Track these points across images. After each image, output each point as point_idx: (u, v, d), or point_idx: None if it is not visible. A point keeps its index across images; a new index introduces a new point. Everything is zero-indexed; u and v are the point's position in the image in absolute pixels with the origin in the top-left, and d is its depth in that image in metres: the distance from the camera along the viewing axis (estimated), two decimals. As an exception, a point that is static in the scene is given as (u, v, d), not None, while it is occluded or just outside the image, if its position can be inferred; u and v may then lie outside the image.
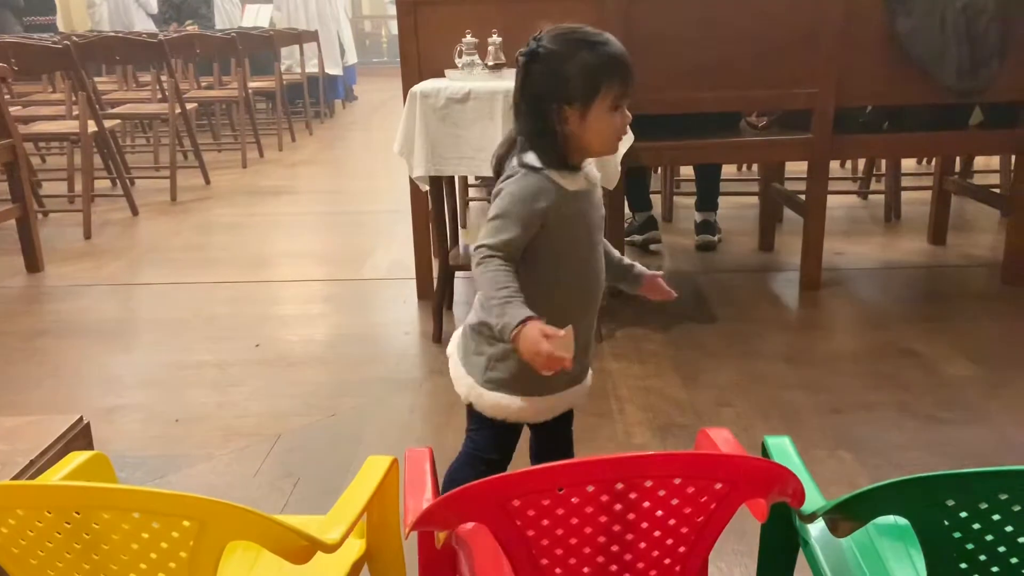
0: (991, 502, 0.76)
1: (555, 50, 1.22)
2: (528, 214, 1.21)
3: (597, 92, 1.20)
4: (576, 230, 1.26)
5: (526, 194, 1.21)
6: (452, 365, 1.37)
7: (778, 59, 2.73)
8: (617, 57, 1.23)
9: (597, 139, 1.23)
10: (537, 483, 0.81)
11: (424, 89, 2.39)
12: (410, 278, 3.05)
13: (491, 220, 1.23)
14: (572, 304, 1.29)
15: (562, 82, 1.20)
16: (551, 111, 1.21)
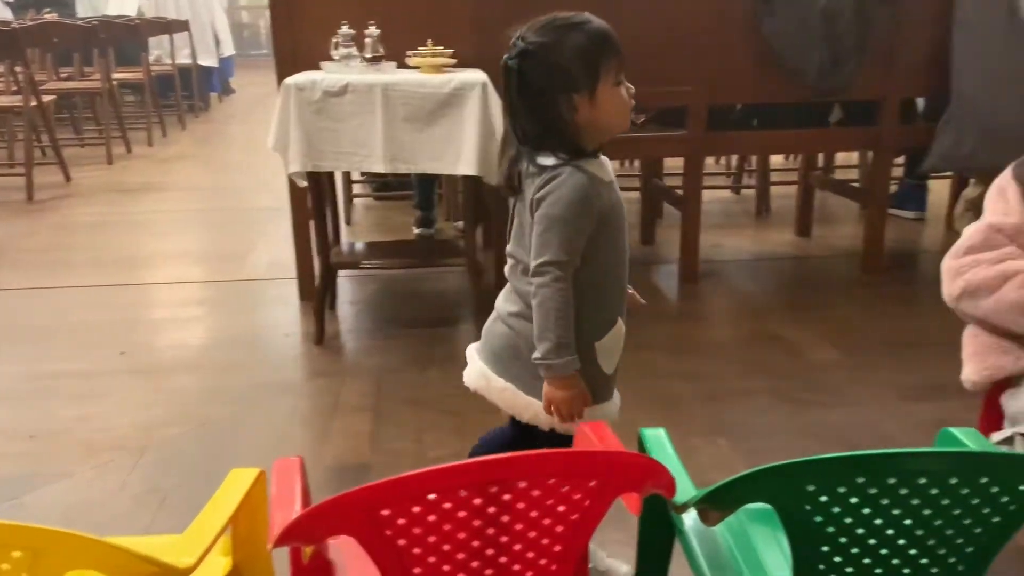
0: (849, 486, 0.79)
1: (545, 42, 1.20)
2: (584, 214, 1.20)
3: (599, 71, 1.19)
4: (618, 221, 1.26)
5: (579, 195, 1.19)
6: (509, 397, 1.32)
7: (654, 58, 2.78)
8: (605, 32, 1.22)
9: (612, 118, 1.22)
10: (407, 490, 0.78)
11: (298, 81, 2.30)
12: (291, 278, 2.95)
13: (549, 230, 1.19)
14: (618, 296, 1.30)
15: (563, 72, 1.18)
16: (559, 104, 1.19)
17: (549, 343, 1.20)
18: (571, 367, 1.21)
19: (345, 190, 3.89)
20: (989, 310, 1.31)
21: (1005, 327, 1.30)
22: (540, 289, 1.20)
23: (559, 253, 1.19)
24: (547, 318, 1.19)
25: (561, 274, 1.19)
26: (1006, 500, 0.80)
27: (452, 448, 1.94)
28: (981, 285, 1.32)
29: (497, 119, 2.35)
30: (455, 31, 2.65)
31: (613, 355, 1.30)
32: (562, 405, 1.21)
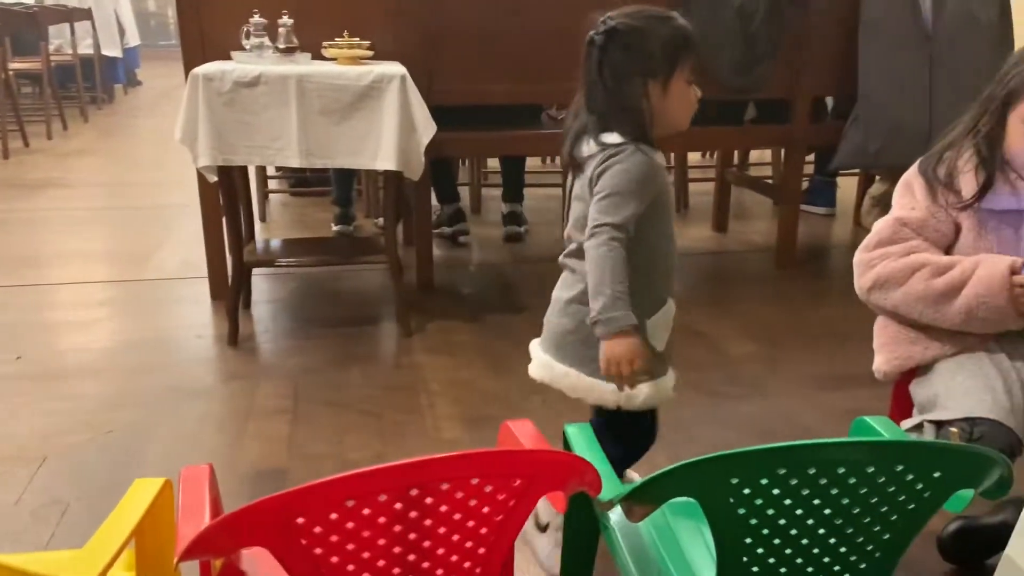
0: (771, 477, 0.79)
1: (634, 25, 1.26)
2: (644, 190, 1.25)
3: (676, 65, 1.25)
4: (668, 205, 1.33)
5: (641, 171, 1.24)
6: (572, 381, 1.34)
7: (574, 54, 2.78)
8: (689, 32, 1.28)
9: (677, 111, 1.27)
10: (323, 497, 0.74)
11: (207, 72, 2.21)
12: (202, 277, 2.83)
13: (608, 197, 1.23)
14: (668, 275, 1.35)
15: (645, 57, 1.24)
16: (635, 86, 1.24)
17: (605, 298, 1.21)
18: (628, 320, 1.21)
19: (259, 185, 3.77)
20: (898, 301, 1.35)
21: (913, 318, 1.35)
22: (596, 248, 1.22)
23: (616, 218, 1.23)
24: (602, 274, 1.22)
25: (617, 235, 1.22)
26: (920, 487, 0.81)
27: (373, 450, 1.89)
28: (890, 278, 1.35)
29: (417, 112, 2.31)
30: (372, 22, 2.59)
31: (664, 333, 1.34)
32: (622, 362, 1.21)
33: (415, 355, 2.41)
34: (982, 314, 1.26)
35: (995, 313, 1.25)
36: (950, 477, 0.82)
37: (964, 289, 1.28)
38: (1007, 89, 1.29)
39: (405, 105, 2.27)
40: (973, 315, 1.27)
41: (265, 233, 3.64)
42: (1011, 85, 1.28)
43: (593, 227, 1.24)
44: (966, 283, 1.28)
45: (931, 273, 1.32)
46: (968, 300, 1.27)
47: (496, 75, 2.76)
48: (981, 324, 1.28)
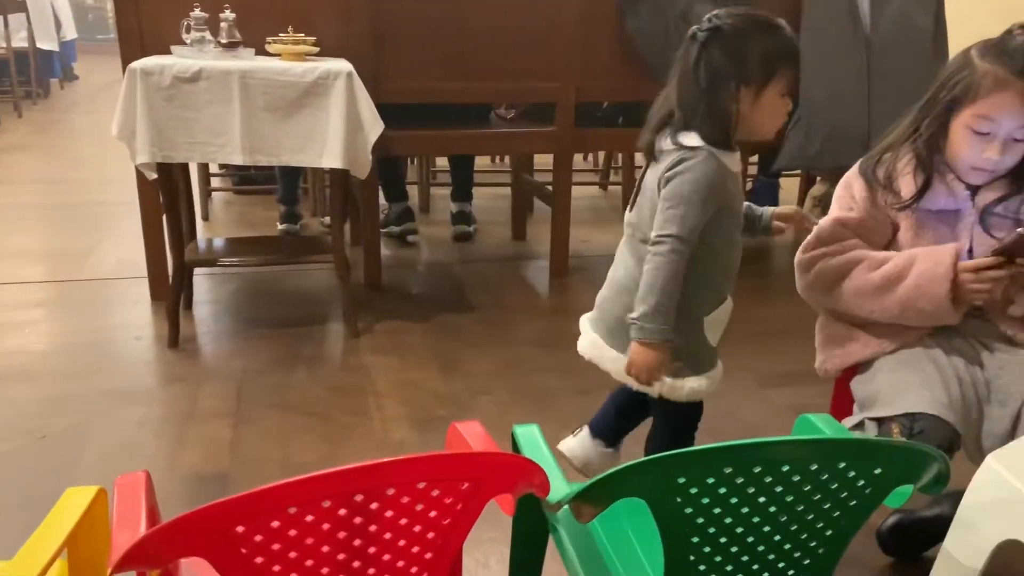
0: (718, 476, 0.80)
1: (739, 28, 1.24)
2: (711, 197, 1.25)
3: (773, 76, 1.23)
4: (737, 210, 1.33)
5: (709, 180, 1.24)
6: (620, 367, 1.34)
7: (522, 53, 2.80)
8: (794, 44, 1.27)
9: (765, 123, 1.27)
10: (264, 504, 0.72)
11: (146, 66, 2.14)
12: (141, 277, 2.76)
13: (675, 207, 1.24)
14: (728, 277, 1.36)
15: (742, 62, 1.22)
16: (728, 90, 1.23)
17: (648, 307, 1.24)
18: (662, 335, 1.24)
19: (202, 183, 3.69)
20: (838, 297, 1.38)
21: (853, 312, 1.37)
22: (656, 257, 1.25)
23: (681, 230, 1.24)
24: (655, 283, 1.24)
25: (680, 248, 1.24)
26: (862, 484, 0.83)
27: (320, 453, 1.86)
28: (829, 275, 1.38)
29: (364, 110, 2.28)
30: (318, 18, 2.55)
31: (719, 328, 1.37)
32: (642, 369, 1.26)
33: (362, 356, 2.38)
34: (920, 305, 1.29)
35: (933, 303, 1.28)
36: (890, 473, 0.84)
37: (904, 280, 1.31)
38: (951, 95, 1.32)
39: (352, 102, 2.23)
40: (911, 306, 1.30)
41: (207, 232, 3.56)
42: (955, 92, 1.31)
43: (658, 235, 1.26)
44: (903, 276, 1.31)
45: (868, 268, 1.35)
46: (908, 291, 1.30)
47: (445, 73, 2.75)
48: (917, 316, 1.31)
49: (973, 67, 1.30)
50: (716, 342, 1.38)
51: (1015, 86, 1.26)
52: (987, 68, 1.28)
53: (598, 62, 2.85)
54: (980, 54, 1.31)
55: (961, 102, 1.30)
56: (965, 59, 1.32)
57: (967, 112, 1.30)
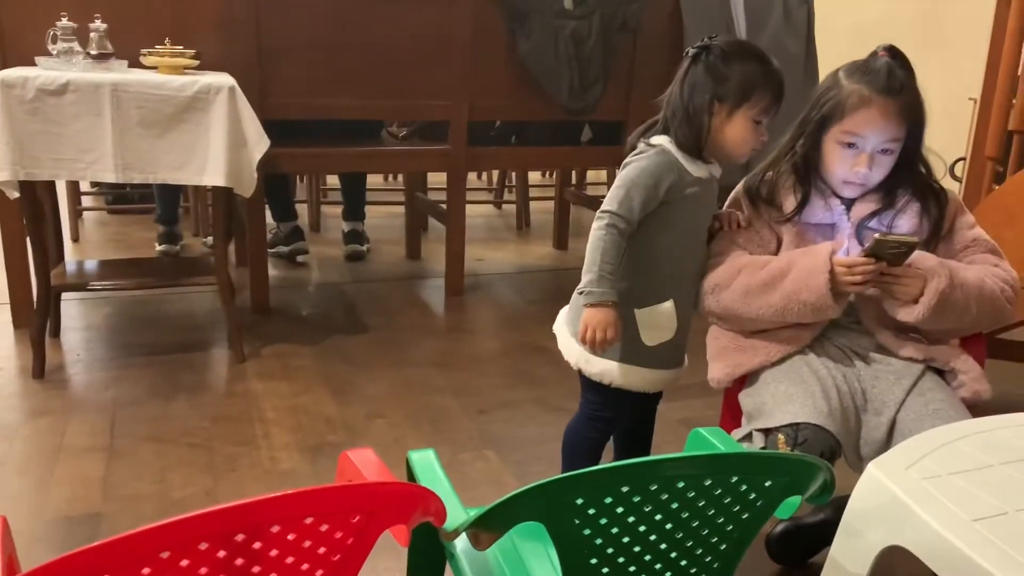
0: (615, 495, 0.79)
1: (726, 51, 1.35)
2: (652, 187, 1.35)
3: (748, 99, 1.34)
4: (691, 212, 1.41)
5: (653, 169, 1.35)
6: (560, 339, 1.50)
7: (414, 71, 2.77)
8: (776, 78, 1.36)
9: (732, 141, 1.36)
10: (133, 550, 0.66)
11: (7, 78, 1.99)
12: (2, 303, 2.56)
13: (618, 188, 1.36)
14: (677, 278, 1.43)
15: (722, 80, 1.34)
16: (704, 101, 1.35)
17: (592, 274, 1.34)
18: (607, 296, 1.34)
19: (71, 202, 3.47)
20: (727, 300, 1.41)
21: (740, 314, 1.41)
22: (596, 231, 1.35)
23: (618, 207, 1.35)
24: (595, 253, 1.35)
25: (617, 224, 1.34)
26: (754, 496, 0.84)
27: (201, 486, 1.76)
28: (719, 281, 1.42)
29: (248, 126, 2.20)
30: (198, 31, 2.45)
31: (654, 330, 1.42)
32: (595, 328, 1.34)
33: (249, 382, 2.28)
34: (803, 296, 1.34)
35: (815, 294, 1.33)
36: (779, 485, 0.85)
37: (787, 275, 1.36)
38: (821, 113, 1.39)
39: (235, 118, 2.15)
40: (795, 299, 1.34)
41: (77, 254, 3.34)
42: (824, 110, 1.39)
43: (598, 212, 1.37)
44: (786, 272, 1.36)
45: (754, 268, 1.40)
46: (791, 284, 1.35)
47: (335, 89, 2.69)
48: (801, 309, 1.35)
49: (840, 86, 1.38)
50: (654, 343, 1.43)
51: (877, 103, 1.34)
52: (853, 87, 1.36)
53: (491, 81, 2.86)
54: (847, 74, 1.39)
55: (831, 119, 1.38)
56: (834, 79, 1.40)
57: (836, 128, 1.37)
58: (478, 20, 2.78)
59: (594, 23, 2.86)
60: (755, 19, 3.02)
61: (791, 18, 3.07)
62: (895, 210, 1.41)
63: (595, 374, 1.44)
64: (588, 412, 1.53)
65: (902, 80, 1.35)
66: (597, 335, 1.35)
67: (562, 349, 1.50)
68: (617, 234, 1.34)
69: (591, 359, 1.43)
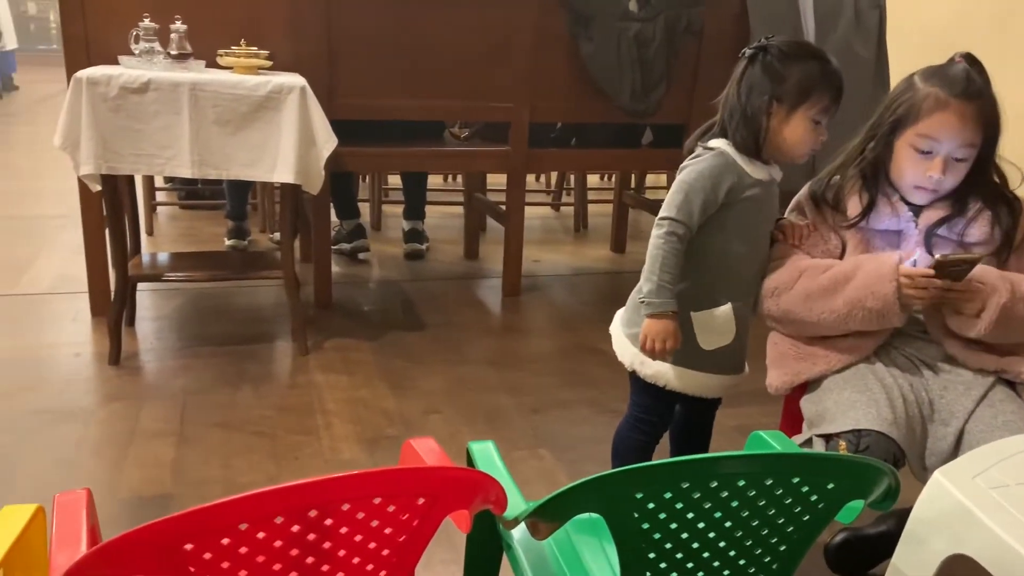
0: (674, 491, 0.80)
1: (784, 51, 1.35)
2: (712, 190, 1.34)
3: (806, 99, 1.33)
4: (751, 215, 1.39)
5: (712, 171, 1.35)
6: (615, 340, 1.51)
7: (477, 73, 2.81)
8: (835, 77, 1.35)
9: (791, 141, 1.35)
10: (214, 520, 0.70)
11: (92, 76, 2.09)
12: (82, 292, 2.67)
13: (676, 193, 1.35)
14: (735, 282, 1.42)
15: (780, 80, 1.34)
16: (762, 102, 1.34)
17: (652, 284, 1.35)
18: (666, 307, 1.35)
19: (147, 197, 3.60)
20: (788, 304, 1.39)
21: (802, 318, 1.39)
22: (655, 239, 1.36)
23: (677, 212, 1.34)
24: (654, 263, 1.35)
25: (677, 230, 1.34)
26: (815, 498, 0.84)
27: (265, 472, 1.82)
28: (779, 283, 1.41)
29: (317, 125, 2.26)
30: (272, 32, 2.53)
31: (711, 333, 1.42)
32: (656, 339, 1.36)
33: (311, 374, 2.34)
34: (869, 303, 1.31)
35: (881, 300, 1.30)
36: (842, 488, 0.85)
37: (852, 280, 1.33)
38: (894, 116, 1.37)
39: (305, 117, 2.21)
40: (859, 305, 1.32)
41: (152, 247, 3.47)
42: (898, 113, 1.36)
43: (659, 218, 1.36)
44: (850, 277, 1.34)
45: (816, 272, 1.38)
46: (855, 290, 1.32)
47: (400, 91, 2.74)
48: (865, 316, 1.33)
49: (916, 89, 1.35)
50: (711, 347, 1.43)
51: (954, 106, 1.31)
52: (929, 90, 1.34)
53: (552, 83, 2.88)
54: (923, 78, 1.36)
55: (904, 123, 1.36)
56: (909, 83, 1.38)
57: (910, 131, 1.35)
58: (541, 23, 2.80)
59: (658, 26, 2.86)
60: (824, 22, 2.97)
61: (862, 22, 3.02)
62: (966, 218, 1.38)
63: (649, 375, 1.45)
64: (635, 414, 1.53)
65: (979, 85, 1.32)
66: (656, 345, 1.36)
67: (616, 350, 1.51)
68: (676, 241, 1.34)
69: (646, 360, 1.43)
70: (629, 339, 1.47)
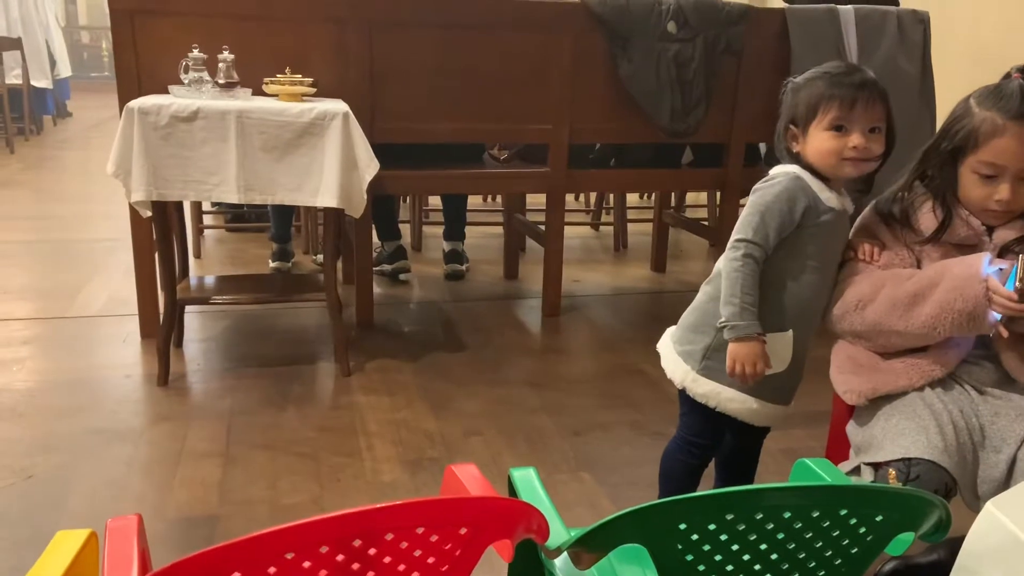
0: (719, 522, 0.79)
1: (799, 82, 1.40)
2: (788, 212, 1.34)
3: (815, 114, 1.35)
4: (823, 241, 1.39)
5: (789, 194, 1.35)
6: (665, 357, 1.50)
7: (516, 95, 2.83)
8: (843, 84, 1.35)
9: (817, 155, 1.36)
10: (262, 550, 0.71)
11: (144, 105, 2.15)
12: (131, 315, 2.74)
13: (751, 215, 1.35)
14: (800, 310, 1.40)
15: (793, 106, 1.39)
16: (786, 131, 1.40)
17: (734, 307, 1.34)
18: (752, 328, 1.34)
19: (194, 221, 3.69)
20: (874, 315, 1.34)
21: (890, 327, 1.33)
22: (732, 261, 1.35)
23: (754, 235, 1.34)
24: (734, 285, 1.34)
25: (751, 254, 1.34)
26: (864, 531, 0.82)
27: (309, 494, 1.84)
28: (862, 295, 1.36)
29: (360, 149, 2.30)
30: (315, 60, 2.59)
31: (773, 357, 1.39)
32: (744, 361, 1.34)
33: (353, 395, 2.37)
34: (959, 305, 1.26)
35: (972, 302, 1.25)
36: (891, 520, 0.83)
37: (939, 284, 1.29)
38: (953, 144, 1.33)
39: (348, 142, 2.25)
40: (949, 308, 1.27)
41: (199, 270, 3.55)
42: (957, 140, 1.32)
43: (735, 240, 1.36)
44: (937, 282, 1.29)
45: (900, 280, 1.34)
46: (944, 293, 1.28)
47: (439, 114, 2.77)
48: (954, 320, 1.28)
49: (972, 114, 1.32)
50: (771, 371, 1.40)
51: (1012, 130, 1.27)
52: (985, 115, 1.30)
53: (591, 104, 2.89)
54: (978, 101, 1.32)
55: (964, 150, 1.32)
56: (965, 107, 1.34)
57: (972, 159, 1.31)
58: (579, 44, 2.82)
59: (697, 46, 2.85)
60: (867, 39, 2.94)
61: (906, 38, 2.98)
62: None
63: (700, 394, 1.43)
64: (685, 435, 1.52)
65: None
66: (747, 369, 1.35)
67: (666, 367, 1.50)
68: (753, 263, 1.34)
69: (698, 378, 1.43)
70: (681, 356, 1.46)
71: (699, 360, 1.44)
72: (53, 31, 7.81)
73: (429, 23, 2.70)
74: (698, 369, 1.43)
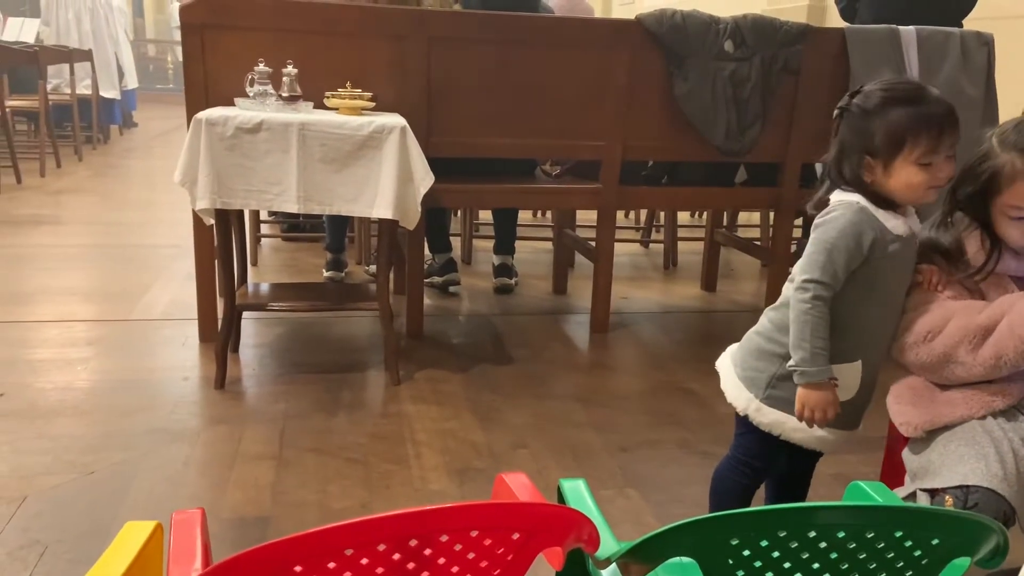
0: (771, 539, 0.79)
1: (863, 107, 1.30)
2: (856, 247, 1.29)
3: (901, 148, 1.27)
4: (891, 272, 1.34)
5: (853, 228, 1.29)
6: (725, 379, 1.48)
7: (570, 112, 2.86)
8: (929, 116, 1.27)
9: (900, 190, 1.30)
10: (323, 545, 0.73)
11: (211, 116, 2.23)
12: (191, 319, 2.82)
13: (817, 253, 1.30)
14: (868, 341, 1.37)
15: (867, 136, 1.29)
16: (852, 160, 1.31)
17: (805, 352, 1.30)
18: (823, 375, 1.31)
19: (253, 229, 3.79)
20: (943, 347, 1.32)
21: (958, 359, 1.31)
22: (800, 303, 1.31)
23: (822, 274, 1.30)
24: (804, 329, 1.30)
25: (821, 293, 1.30)
26: (919, 554, 0.81)
27: (358, 499, 1.87)
28: (931, 327, 1.33)
29: (416, 163, 2.34)
30: (375, 74, 2.65)
31: (841, 388, 1.36)
32: (815, 407, 1.32)
33: (402, 404, 2.40)
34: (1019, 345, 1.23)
35: None
36: (948, 544, 0.82)
37: (1008, 315, 1.26)
38: (978, 187, 1.31)
39: (404, 155, 2.30)
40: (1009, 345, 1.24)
41: (256, 277, 3.64)
42: (982, 182, 1.30)
43: (801, 281, 1.32)
44: (1006, 312, 1.27)
45: (969, 311, 1.31)
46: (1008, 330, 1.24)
47: (494, 129, 2.81)
48: (1013, 359, 1.25)
49: (994, 156, 1.29)
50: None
51: None
52: (1006, 158, 1.27)
53: (645, 122, 2.90)
54: (999, 141, 1.30)
55: (990, 192, 1.30)
56: (989, 148, 1.31)
57: (999, 201, 1.29)
58: (635, 62, 2.83)
59: (754, 65, 2.85)
60: (929, 60, 2.89)
61: (969, 60, 2.93)
62: None
63: (765, 424, 1.41)
64: (740, 457, 1.50)
65: None
66: (816, 415, 1.32)
67: (726, 389, 1.47)
68: (823, 304, 1.30)
69: (762, 407, 1.40)
70: (743, 382, 1.44)
71: (763, 388, 1.40)
72: (122, 44, 8.11)
73: (487, 40, 2.74)
74: (762, 397, 1.40)
